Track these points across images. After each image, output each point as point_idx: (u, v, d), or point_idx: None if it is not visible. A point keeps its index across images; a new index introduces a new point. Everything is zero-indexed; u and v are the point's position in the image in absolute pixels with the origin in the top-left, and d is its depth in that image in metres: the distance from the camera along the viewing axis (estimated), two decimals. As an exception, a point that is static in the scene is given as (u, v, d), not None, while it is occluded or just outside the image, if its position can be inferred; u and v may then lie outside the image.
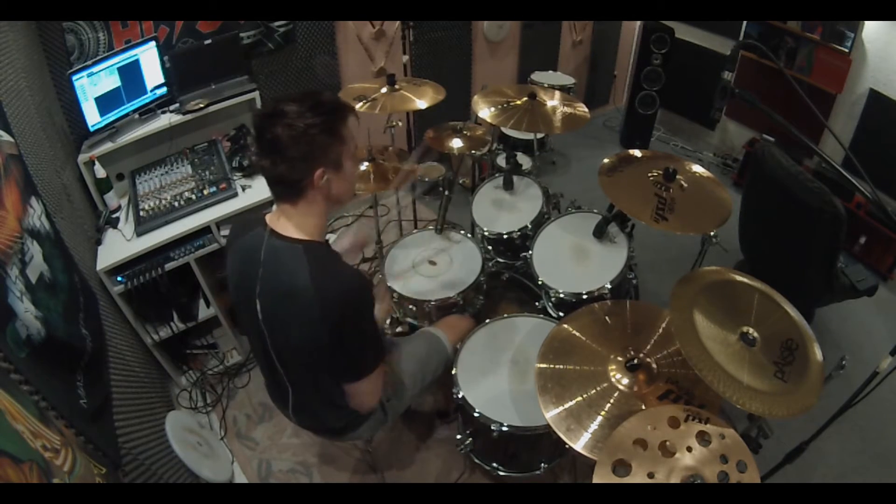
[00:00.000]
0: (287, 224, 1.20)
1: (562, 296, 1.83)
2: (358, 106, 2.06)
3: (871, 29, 2.70)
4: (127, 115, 2.15)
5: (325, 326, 1.16)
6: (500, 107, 2.19)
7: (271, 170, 1.14)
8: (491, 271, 2.19)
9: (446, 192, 2.09)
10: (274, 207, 1.24)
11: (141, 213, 2.06)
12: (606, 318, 1.58)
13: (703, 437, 1.14)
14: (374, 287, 1.30)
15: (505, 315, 1.86)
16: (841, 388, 1.39)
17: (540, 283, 1.90)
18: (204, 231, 2.08)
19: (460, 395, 1.61)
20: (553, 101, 2.22)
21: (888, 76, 2.70)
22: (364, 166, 2.17)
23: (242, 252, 1.25)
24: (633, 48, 3.95)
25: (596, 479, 1.09)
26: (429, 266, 2.00)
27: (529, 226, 2.10)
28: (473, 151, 2.55)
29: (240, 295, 1.28)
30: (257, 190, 2.23)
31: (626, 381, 1.38)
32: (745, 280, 1.42)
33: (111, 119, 2.09)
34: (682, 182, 1.74)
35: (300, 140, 1.10)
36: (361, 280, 1.22)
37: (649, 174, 1.77)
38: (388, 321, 1.99)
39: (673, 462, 1.10)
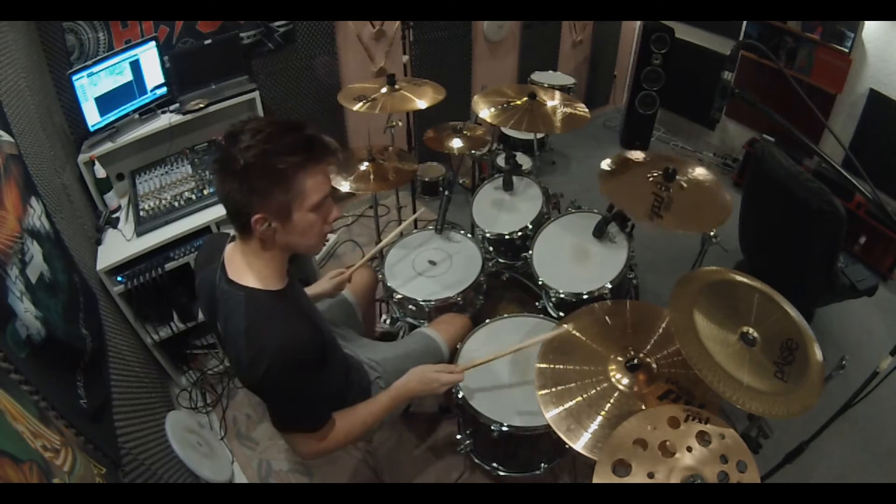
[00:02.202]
0: (238, 264, 1.12)
1: (562, 296, 1.83)
2: (358, 106, 2.06)
3: (871, 29, 2.70)
4: (127, 115, 2.15)
5: (250, 377, 1.11)
6: (500, 107, 2.19)
7: (219, 193, 1.05)
8: (491, 271, 2.19)
9: (446, 193, 2.09)
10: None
11: (141, 213, 2.06)
12: (606, 318, 1.58)
13: (703, 437, 1.14)
14: (310, 355, 1.13)
15: (505, 315, 1.85)
16: (841, 388, 1.39)
17: (540, 283, 1.90)
18: (204, 231, 2.08)
19: (460, 396, 1.61)
20: (553, 101, 2.22)
21: (888, 76, 2.70)
22: (364, 166, 2.17)
23: (205, 284, 1.22)
24: (633, 48, 3.95)
25: (596, 479, 1.09)
26: (429, 266, 2.00)
27: (529, 226, 2.10)
28: (473, 151, 2.55)
29: (208, 318, 1.28)
30: (257, 190, 2.23)
31: (626, 381, 1.38)
32: (745, 280, 1.42)
33: (111, 119, 2.09)
34: (682, 182, 1.74)
35: (239, 174, 0.98)
36: (295, 344, 1.08)
37: (649, 175, 1.77)
38: (387, 321, 1.99)
39: (673, 462, 1.10)
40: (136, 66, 2.11)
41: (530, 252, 1.99)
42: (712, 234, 1.77)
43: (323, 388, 1.23)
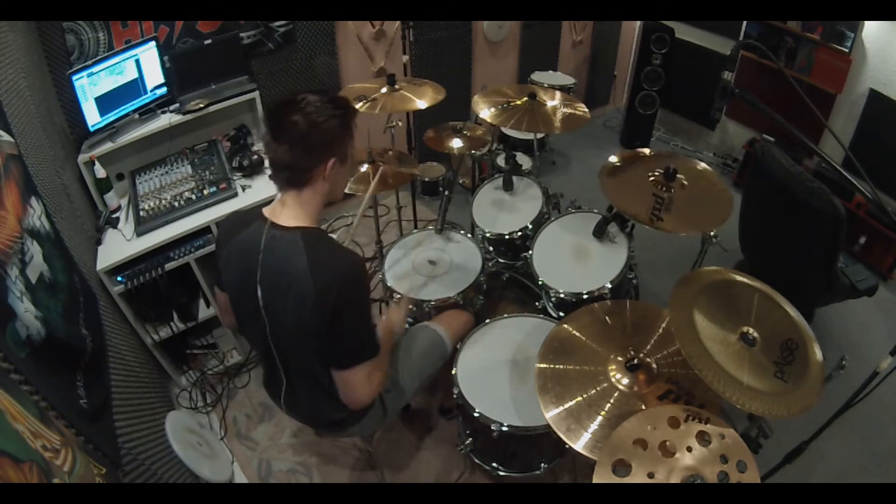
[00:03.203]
0: (287, 214, 1.23)
1: (562, 296, 1.83)
2: (358, 106, 2.07)
3: (871, 29, 2.70)
4: (127, 115, 2.15)
5: (318, 311, 1.17)
6: (500, 107, 2.19)
7: (285, 155, 1.17)
8: (491, 271, 2.19)
9: (446, 192, 2.09)
10: (277, 196, 1.26)
11: (141, 213, 2.06)
12: (606, 318, 1.58)
13: (703, 437, 1.14)
14: (368, 275, 1.33)
15: (505, 315, 1.86)
16: (841, 388, 1.38)
17: (540, 283, 1.90)
18: (204, 231, 2.08)
19: (460, 395, 1.61)
20: (553, 101, 2.22)
21: (888, 76, 2.70)
22: (364, 168, 2.17)
23: (242, 245, 1.26)
24: (633, 48, 3.95)
25: (596, 479, 1.09)
26: (429, 266, 2.00)
27: (529, 226, 2.10)
28: (473, 151, 2.55)
29: (240, 286, 1.29)
30: (257, 190, 2.23)
31: (626, 381, 1.38)
32: (745, 280, 1.42)
33: (111, 119, 2.09)
34: (683, 181, 1.74)
35: (320, 129, 1.15)
36: (356, 266, 1.23)
37: (649, 174, 1.77)
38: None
39: (673, 462, 1.10)
40: (136, 66, 2.10)
41: (530, 252, 1.99)
42: (712, 234, 1.77)
43: None
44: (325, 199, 1.27)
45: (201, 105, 2.26)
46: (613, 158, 1.90)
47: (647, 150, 1.95)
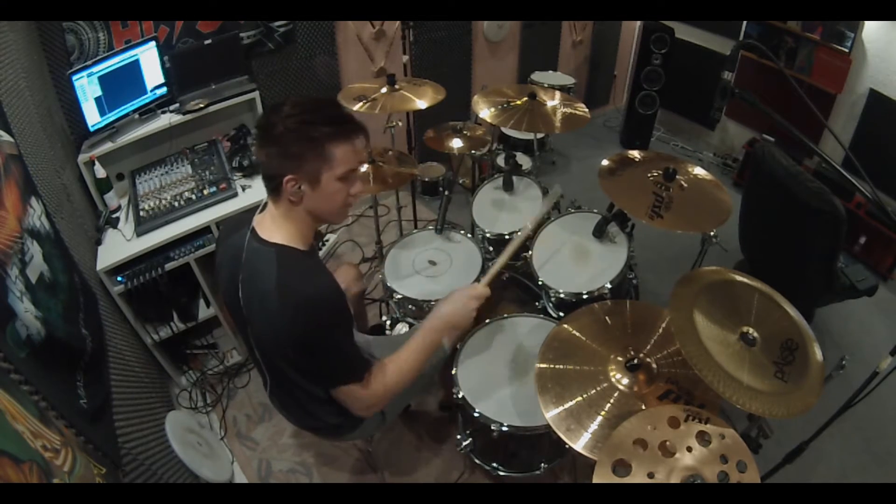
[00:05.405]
0: (269, 225, 1.21)
1: (562, 296, 1.83)
2: (357, 106, 2.06)
3: (871, 29, 2.70)
4: (127, 115, 2.15)
5: (287, 333, 1.16)
6: (500, 107, 2.19)
7: (257, 156, 1.17)
8: (491, 271, 2.18)
9: (446, 192, 2.09)
10: (263, 201, 1.26)
11: (141, 213, 2.06)
12: (606, 318, 1.58)
13: (703, 437, 1.14)
14: (342, 305, 1.22)
15: (505, 315, 1.86)
16: (841, 388, 1.38)
17: (540, 283, 1.90)
18: (204, 231, 2.08)
19: (460, 395, 1.61)
20: (553, 101, 2.23)
21: (888, 76, 2.70)
22: (364, 168, 2.17)
23: (231, 250, 1.26)
24: (633, 48, 3.95)
25: (596, 479, 1.09)
26: (429, 266, 2.00)
27: (529, 226, 2.09)
28: (473, 151, 2.55)
29: (228, 288, 1.29)
30: (257, 190, 2.23)
31: (626, 381, 1.38)
32: (745, 280, 1.42)
33: (111, 119, 2.09)
34: (682, 182, 1.74)
35: (278, 139, 1.10)
36: (330, 293, 1.17)
37: (649, 174, 1.78)
38: (387, 322, 1.99)
39: (673, 462, 1.10)
40: (136, 66, 2.10)
41: (530, 252, 1.99)
42: (712, 234, 1.77)
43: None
44: (312, 219, 1.22)
45: (201, 105, 2.26)
46: (606, 162, 1.88)
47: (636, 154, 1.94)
